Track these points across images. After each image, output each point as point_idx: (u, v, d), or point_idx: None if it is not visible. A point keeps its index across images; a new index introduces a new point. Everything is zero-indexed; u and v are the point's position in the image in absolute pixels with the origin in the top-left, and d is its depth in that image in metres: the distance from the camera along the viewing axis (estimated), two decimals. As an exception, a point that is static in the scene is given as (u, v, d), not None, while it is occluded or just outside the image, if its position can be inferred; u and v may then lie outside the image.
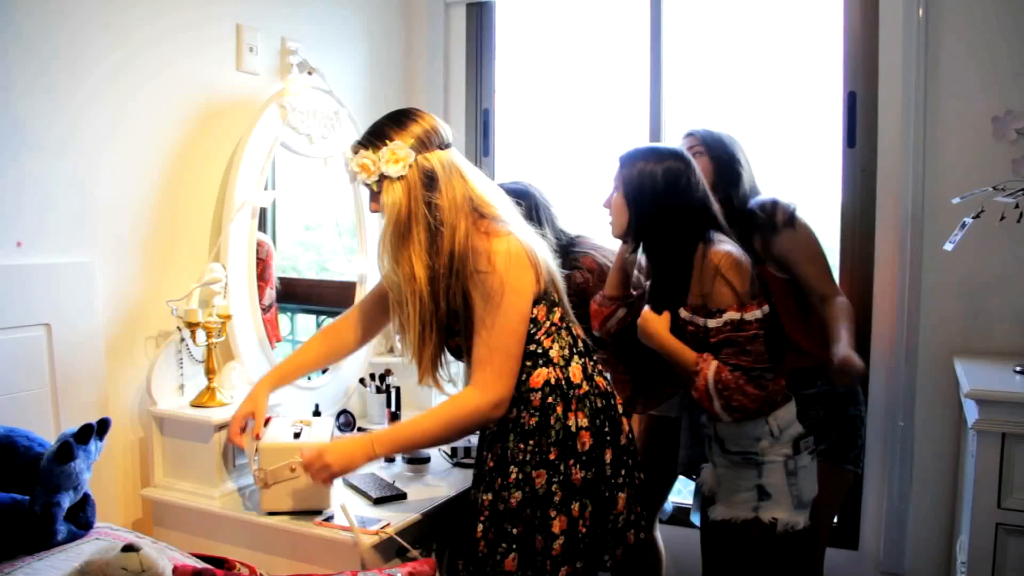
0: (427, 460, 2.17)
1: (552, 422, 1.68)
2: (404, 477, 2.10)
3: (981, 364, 2.17)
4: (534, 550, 1.67)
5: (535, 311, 1.70)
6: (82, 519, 1.63)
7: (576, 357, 1.75)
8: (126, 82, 2.01)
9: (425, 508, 1.91)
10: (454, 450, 2.24)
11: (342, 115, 2.55)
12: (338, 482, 2.02)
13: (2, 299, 1.74)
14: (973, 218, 2.07)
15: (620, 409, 1.80)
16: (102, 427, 1.65)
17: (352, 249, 2.69)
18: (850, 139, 2.52)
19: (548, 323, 1.73)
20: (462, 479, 2.10)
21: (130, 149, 2.04)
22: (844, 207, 2.55)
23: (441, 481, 2.10)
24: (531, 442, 1.69)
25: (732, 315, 1.74)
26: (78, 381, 1.89)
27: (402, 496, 1.95)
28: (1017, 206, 2.01)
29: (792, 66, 2.76)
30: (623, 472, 1.76)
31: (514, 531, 1.68)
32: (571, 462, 1.68)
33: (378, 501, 1.92)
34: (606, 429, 1.73)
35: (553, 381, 1.70)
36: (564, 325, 1.76)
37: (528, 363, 1.71)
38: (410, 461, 2.16)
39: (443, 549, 1.97)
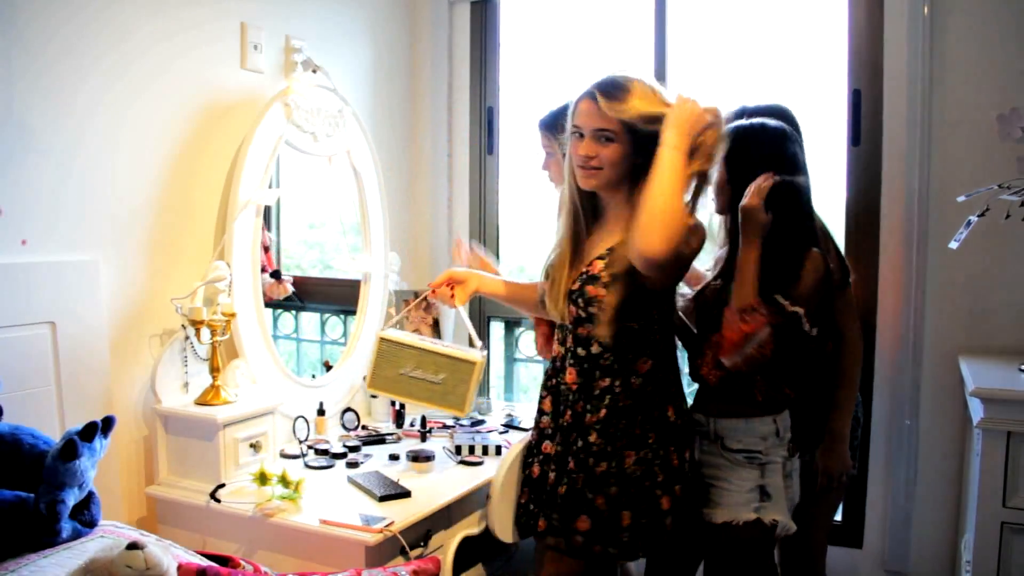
0: (431, 458, 2.17)
1: (648, 407, 1.73)
2: (409, 475, 2.10)
3: (986, 362, 2.16)
4: (618, 526, 1.70)
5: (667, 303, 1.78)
6: (87, 517, 1.63)
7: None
8: (130, 81, 2.01)
9: (430, 507, 1.91)
10: (458, 448, 2.24)
11: (346, 113, 2.55)
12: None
13: (7, 297, 1.75)
14: (978, 216, 2.06)
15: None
16: (107, 425, 1.65)
17: (356, 247, 2.69)
18: (855, 137, 2.51)
19: (661, 326, 1.77)
20: (466, 477, 2.10)
21: (134, 147, 2.04)
22: (848, 205, 2.54)
23: (445, 480, 2.10)
24: (624, 422, 1.72)
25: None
26: (83, 379, 1.90)
27: (406, 494, 1.96)
28: (1022, 204, 2.01)
29: (796, 64, 2.75)
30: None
31: (590, 496, 1.70)
32: (671, 448, 1.74)
33: (383, 499, 1.92)
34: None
35: (658, 374, 1.75)
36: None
37: (639, 345, 1.75)
38: (415, 459, 2.16)
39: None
